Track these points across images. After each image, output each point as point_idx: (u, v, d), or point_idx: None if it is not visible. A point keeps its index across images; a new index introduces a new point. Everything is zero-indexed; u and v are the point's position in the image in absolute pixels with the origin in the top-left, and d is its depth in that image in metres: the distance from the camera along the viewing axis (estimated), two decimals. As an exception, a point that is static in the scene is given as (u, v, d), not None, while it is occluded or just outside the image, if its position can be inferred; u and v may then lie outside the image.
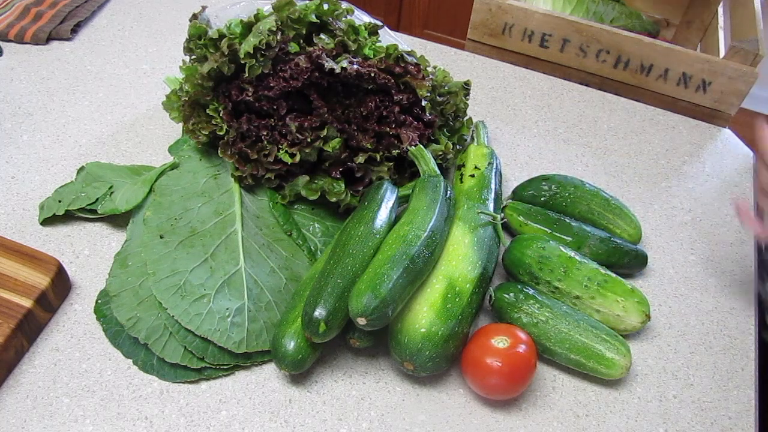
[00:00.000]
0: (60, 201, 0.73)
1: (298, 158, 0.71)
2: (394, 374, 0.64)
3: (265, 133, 0.72)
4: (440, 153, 0.76)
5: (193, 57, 0.76)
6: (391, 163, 0.74)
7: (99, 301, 0.66)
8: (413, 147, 0.72)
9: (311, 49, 0.72)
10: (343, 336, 0.62)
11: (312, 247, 0.72)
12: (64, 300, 0.67)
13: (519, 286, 0.66)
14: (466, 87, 0.81)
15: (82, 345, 0.64)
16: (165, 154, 0.83)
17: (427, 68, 0.77)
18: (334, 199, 0.72)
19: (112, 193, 0.74)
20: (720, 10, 1.15)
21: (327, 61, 0.70)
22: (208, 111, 0.73)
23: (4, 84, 0.91)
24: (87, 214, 0.73)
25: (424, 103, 0.74)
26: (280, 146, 0.71)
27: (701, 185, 0.87)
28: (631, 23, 1.20)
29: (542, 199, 0.77)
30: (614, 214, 0.76)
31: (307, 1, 0.76)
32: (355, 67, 0.71)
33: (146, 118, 0.88)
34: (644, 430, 0.62)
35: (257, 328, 0.63)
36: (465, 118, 0.82)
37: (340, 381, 0.63)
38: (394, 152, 0.73)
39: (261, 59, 0.69)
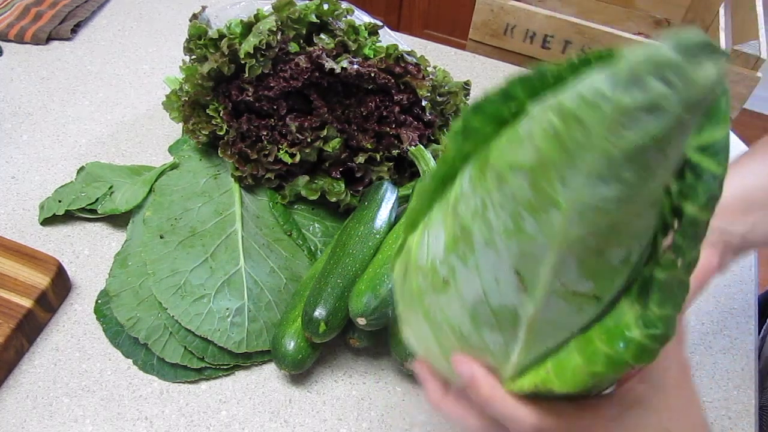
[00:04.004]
0: (60, 201, 0.73)
1: (298, 158, 0.71)
2: (394, 374, 0.64)
3: (265, 133, 0.72)
4: (440, 153, 0.76)
5: (193, 57, 0.76)
6: (391, 163, 0.74)
7: (99, 301, 0.66)
8: (413, 147, 0.72)
9: (311, 49, 0.72)
10: (343, 336, 0.62)
11: (312, 247, 0.72)
12: (64, 300, 0.67)
13: (519, 287, 0.66)
14: (466, 87, 0.81)
15: (82, 345, 0.64)
16: (165, 154, 0.82)
17: (427, 68, 0.76)
18: (334, 199, 0.72)
19: (112, 193, 0.74)
20: (721, 11, 1.15)
21: (327, 61, 0.70)
22: (208, 111, 0.73)
23: (4, 84, 0.91)
24: (87, 214, 0.73)
25: (424, 103, 0.74)
26: (280, 146, 0.71)
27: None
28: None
29: (542, 199, 0.77)
30: (614, 214, 0.76)
31: (307, 1, 0.76)
32: (355, 67, 0.71)
33: (146, 118, 0.88)
34: (644, 430, 0.62)
35: (257, 328, 0.63)
36: (465, 118, 0.82)
37: (340, 381, 0.63)
38: (394, 152, 0.73)
39: (261, 59, 0.69)
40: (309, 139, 0.71)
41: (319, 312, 0.58)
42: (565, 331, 0.34)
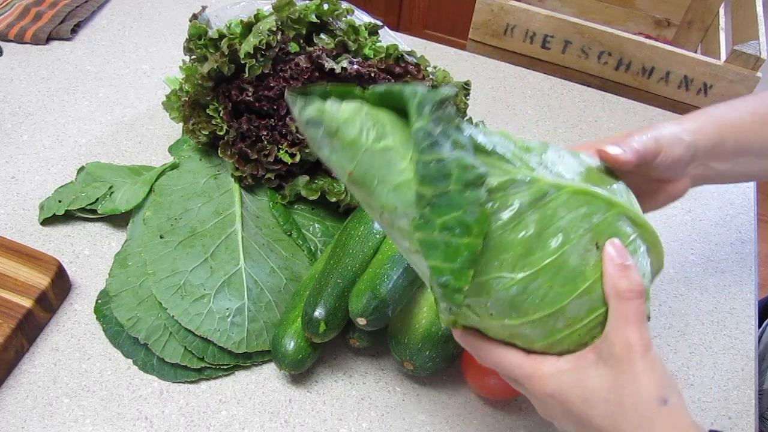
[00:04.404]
0: (60, 201, 0.73)
1: (298, 158, 0.71)
2: (394, 374, 0.64)
3: (265, 133, 0.72)
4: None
5: (193, 57, 0.76)
6: (391, 163, 0.73)
7: (99, 301, 0.66)
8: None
9: (311, 49, 0.72)
10: (343, 336, 0.62)
11: (312, 247, 0.71)
12: (64, 300, 0.67)
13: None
14: (466, 87, 0.81)
15: (82, 345, 0.64)
16: (165, 154, 0.82)
17: (427, 68, 0.76)
18: (334, 199, 0.72)
19: (112, 193, 0.74)
20: (721, 11, 1.15)
21: (327, 61, 0.70)
22: (208, 111, 0.73)
23: (4, 84, 0.91)
24: (87, 214, 0.73)
25: (424, 103, 0.74)
26: (280, 146, 0.71)
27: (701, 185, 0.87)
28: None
29: (542, 199, 0.77)
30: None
31: (307, 1, 0.76)
32: (355, 67, 0.71)
33: (146, 118, 0.88)
34: (644, 430, 0.62)
35: (257, 328, 0.63)
36: (465, 118, 0.82)
37: (340, 381, 0.63)
38: (394, 152, 0.73)
39: (261, 59, 0.69)
40: (309, 139, 0.71)
41: (319, 312, 0.58)
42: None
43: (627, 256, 0.41)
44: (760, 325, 0.75)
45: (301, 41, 0.75)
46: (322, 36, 0.76)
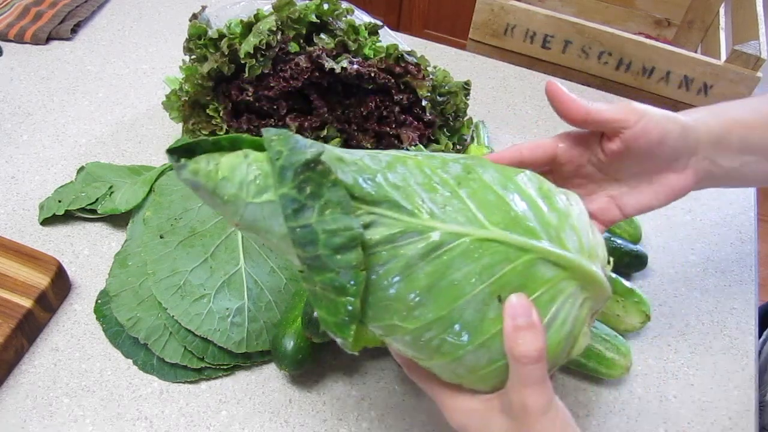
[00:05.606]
0: (60, 201, 0.73)
1: (298, 158, 0.71)
2: (394, 374, 0.64)
3: (265, 133, 0.72)
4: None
5: (193, 57, 0.76)
6: (391, 163, 0.73)
7: (99, 301, 0.66)
8: (413, 147, 0.72)
9: (311, 49, 0.72)
10: (343, 336, 0.62)
11: (312, 247, 0.71)
12: (64, 300, 0.67)
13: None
14: (466, 87, 0.81)
15: (82, 345, 0.64)
16: (165, 154, 0.82)
17: (428, 68, 0.76)
18: (334, 199, 0.72)
19: (112, 193, 0.74)
20: (721, 11, 1.15)
21: (327, 61, 0.70)
22: (208, 111, 0.73)
23: (4, 84, 0.91)
24: (87, 214, 0.73)
25: (424, 103, 0.74)
26: (280, 146, 0.71)
27: (707, 186, 0.87)
28: None
29: (542, 199, 0.77)
30: (614, 214, 0.76)
31: (307, 1, 0.76)
32: (355, 67, 0.71)
33: (146, 118, 0.88)
34: (644, 430, 0.62)
35: (257, 328, 0.63)
36: (465, 118, 0.82)
37: (340, 381, 0.63)
38: (394, 152, 0.73)
39: (261, 59, 0.69)
40: (309, 139, 0.71)
41: (319, 312, 0.58)
42: None
43: (530, 313, 0.39)
44: (760, 334, 0.75)
45: (301, 41, 0.75)
46: (322, 36, 0.76)
